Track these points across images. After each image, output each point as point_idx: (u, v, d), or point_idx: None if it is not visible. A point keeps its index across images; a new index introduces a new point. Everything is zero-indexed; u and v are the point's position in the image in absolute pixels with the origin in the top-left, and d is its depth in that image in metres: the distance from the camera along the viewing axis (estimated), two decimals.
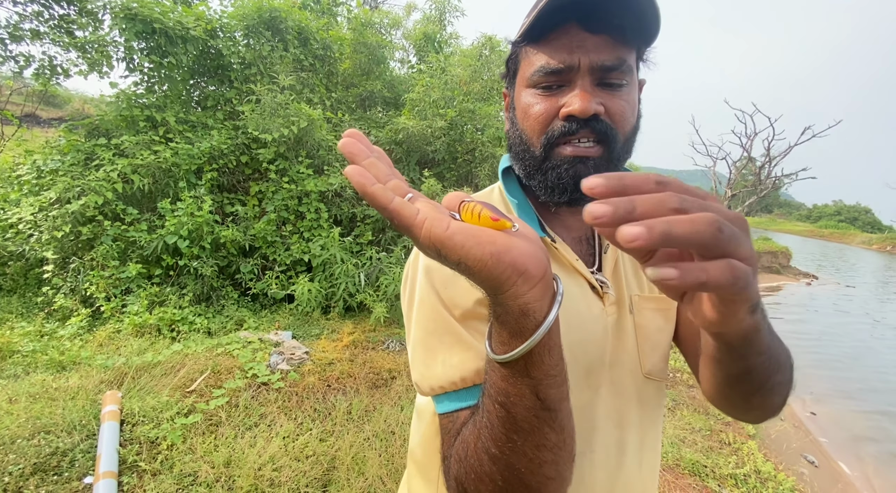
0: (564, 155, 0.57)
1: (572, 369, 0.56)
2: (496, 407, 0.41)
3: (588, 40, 0.54)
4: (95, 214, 4.31)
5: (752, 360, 0.46)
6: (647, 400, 0.65)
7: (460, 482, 0.46)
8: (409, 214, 0.32)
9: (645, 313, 0.65)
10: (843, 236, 46.86)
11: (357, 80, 7.18)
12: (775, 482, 2.61)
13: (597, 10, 0.53)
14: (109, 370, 2.83)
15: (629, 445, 0.63)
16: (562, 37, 0.55)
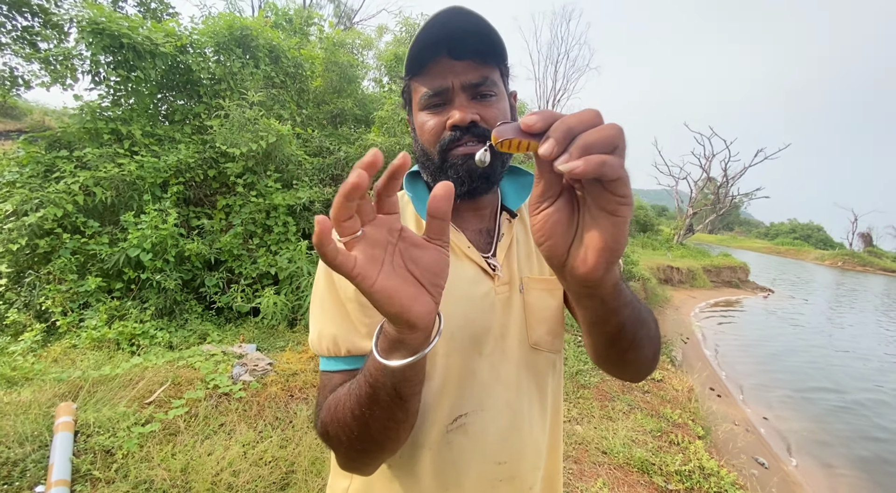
0: (457, 155, 0.71)
1: (458, 336, 0.70)
2: (366, 385, 0.55)
3: (456, 66, 0.69)
4: (54, 226, 4.23)
5: (622, 313, 0.55)
6: (535, 367, 0.77)
7: (325, 425, 0.62)
8: (348, 267, 0.41)
9: (533, 292, 0.77)
10: (799, 253, 49.35)
11: (328, 98, 7.31)
12: (717, 478, 2.77)
13: (458, 42, 0.68)
14: (64, 383, 2.78)
15: (521, 406, 0.74)
16: (436, 67, 0.70)
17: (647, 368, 0.70)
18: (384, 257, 0.44)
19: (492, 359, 0.73)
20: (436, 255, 0.47)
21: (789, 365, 9.03)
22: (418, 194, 0.80)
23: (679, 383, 4.39)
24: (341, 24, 22.06)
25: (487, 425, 0.72)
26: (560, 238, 0.45)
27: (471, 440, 0.71)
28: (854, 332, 13.44)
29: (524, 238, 0.81)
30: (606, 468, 2.69)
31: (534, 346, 0.76)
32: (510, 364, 0.74)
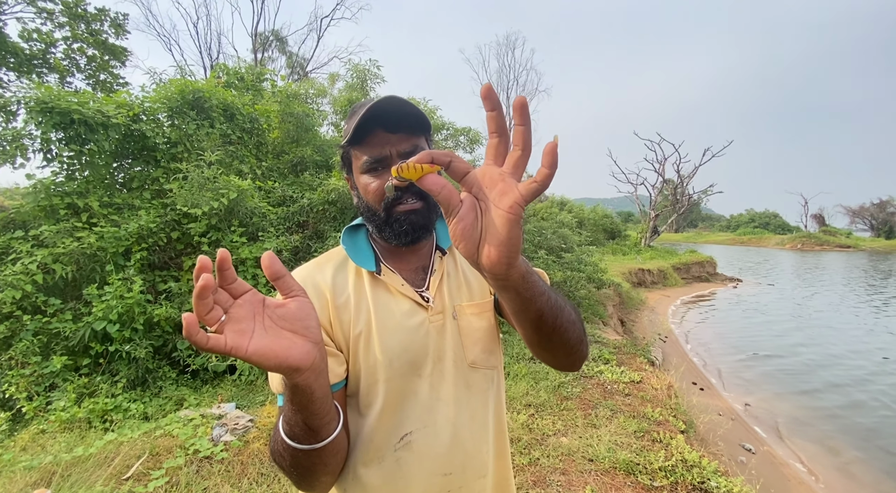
0: (400, 211, 0.83)
1: (397, 362, 0.82)
2: (284, 423, 0.68)
3: (392, 137, 0.83)
4: (13, 309, 4.12)
5: (538, 301, 0.64)
6: (474, 385, 0.87)
7: (272, 454, 0.74)
8: (220, 347, 0.50)
9: (465, 317, 0.88)
10: (760, 240, 51.51)
11: (287, 148, 7.45)
12: (700, 468, 2.87)
13: (392, 119, 0.82)
14: (35, 471, 2.68)
15: (462, 421, 0.84)
16: (375, 138, 0.83)
17: (577, 351, 0.79)
18: (253, 326, 0.54)
19: (431, 380, 0.83)
20: (297, 304, 0.57)
21: (765, 350, 9.36)
22: (358, 245, 0.91)
23: (658, 383, 4.52)
24: (295, 73, 22.55)
25: (431, 440, 0.81)
26: (469, 240, 0.54)
27: (417, 455, 0.81)
28: (822, 309, 14.04)
29: (454, 271, 0.92)
30: (594, 475, 2.76)
31: (471, 365, 0.87)
32: (448, 383, 0.84)
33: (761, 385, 7.32)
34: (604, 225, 25.29)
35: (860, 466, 4.91)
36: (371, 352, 0.81)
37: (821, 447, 5.34)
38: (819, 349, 9.38)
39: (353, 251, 0.89)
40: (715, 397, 6.73)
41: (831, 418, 6.11)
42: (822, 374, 7.86)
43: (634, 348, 6.01)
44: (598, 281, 8.59)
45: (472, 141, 8.81)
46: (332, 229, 5.58)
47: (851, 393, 6.97)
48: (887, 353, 9.03)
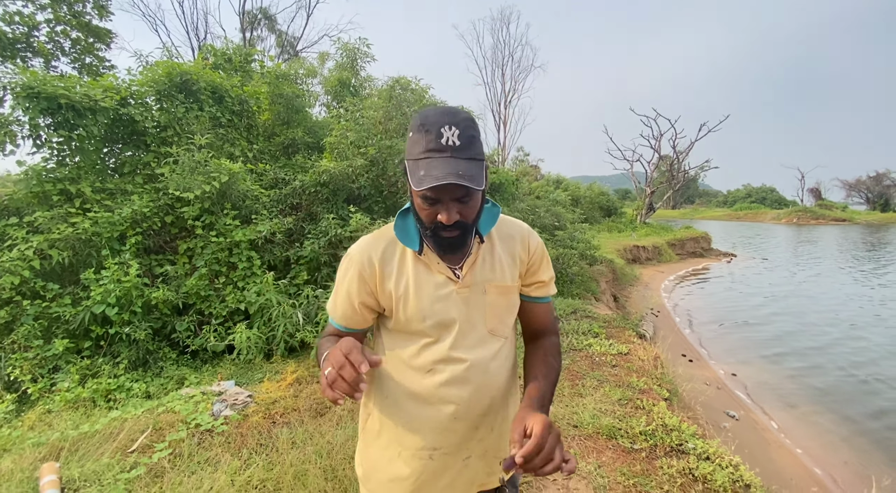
0: (443, 236, 0.96)
1: (428, 321, 1.04)
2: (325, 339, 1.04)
3: (450, 186, 0.89)
4: (13, 295, 4.20)
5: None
6: (489, 345, 1.07)
7: (317, 354, 1.04)
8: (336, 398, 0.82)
9: (491, 294, 1.07)
10: (756, 215, 51.63)
11: (278, 130, 7.43)
12: (679, 432, 3.01)
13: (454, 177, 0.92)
14: (43, 447, 2.80)
15: (476, 368, 1.05)
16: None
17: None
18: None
19: (455, 336, 1.04)
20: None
21: (755, 321, 9.56)
22: (407, 228, 1.06)
23: (645, 354, 4.66)
24: (286, 52, 22.13)
25: (449, 374, 1.04)
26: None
27: (435, 380, 1.04)
28: (813, 281, 14.25)
29: (489, 256, 1.09)
30: (577, 440, 2.90)
31: (490, 332, 1.08)
32: (469, 341, 1.05)
33: (749, 356, 7.52)
34: (600, 202, 25.32)
35: (833, 427, 5.11)
36: (409, 310, 1.03)
37: (802, 413, 5.53)
38: (804, 320, 9.59)
39: (402, 234, 1.05)
40: (703, 367, 6.92)
41: (815, 387, 6.31)
42: (807, 343, 8.06)
43: (624, 321, 6.15)
44: (591, 258, 8.69)
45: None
46: (325, 211, 5.63)
47: (832, 362, 7.18)
48: (861, 319, 9.25)
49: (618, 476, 2.53)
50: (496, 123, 27.60)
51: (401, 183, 6.09)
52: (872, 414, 5.41)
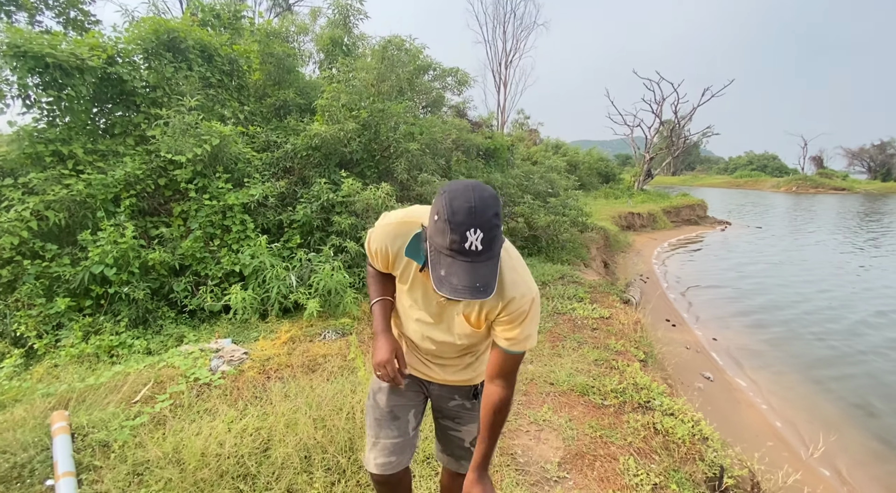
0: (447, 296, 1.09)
1: (411, 310, 1.36)
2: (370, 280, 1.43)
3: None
4: (13, 255, 4.31)
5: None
6: (458, 344, 1.34)
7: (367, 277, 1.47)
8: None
9: (463, 323, 1.28)
10: (756, 183, 51.39)
11: (269, 90, 7.32)
12: (648, 390, 3.22)
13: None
14: (52, 397, 2.99)
15: (451, 351, 1.39)
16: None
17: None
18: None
19: (433, 322, 1.34)
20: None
21: (742, 288, 9.80)
22: (419, 249, 1.18)
23: (626, 318, 4.85)
24: (278, 6, 21.26)
25: (424, 331, 1.37)
26: None
27: (416, 329, 1.39)
28: (803, 250, 14.46)
29: (475, 303, 1.22)
30: (552, 396, 3.11)
31: (458, 335, 1.32)
32: (439, 333, 1.35)
33: (731, 321, 7.78)
34: (598, 168, 25.13)
35: (800, 388, 5.39)
36: (404, 291, 1.33)
37: (773, 375, 5.81)
38: (789, 288, 9.84)
39: (413, 251, 1.20)
40: (686, 332, 7.18)
41: (789, 352, 6.58)
42: (789, 310, 8.32)
43: (609, 287, 6.33)
44: (582, 225, 8.80)
45: (460, 82, 8.62)
46: (317, 175, 5.67)
47: (809, 329, 7.45)
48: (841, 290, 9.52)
49: (586, 429, 2.75)
50: (496, 85, 26.93)
51: (393, 148, 6.10)
52: (837, 377, 5.69)
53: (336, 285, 4.48)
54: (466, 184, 1.00)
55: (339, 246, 5.08)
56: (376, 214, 5.34)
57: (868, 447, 4.31)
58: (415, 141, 6.33)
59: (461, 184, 1.00)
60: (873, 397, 5.19)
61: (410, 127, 6.56)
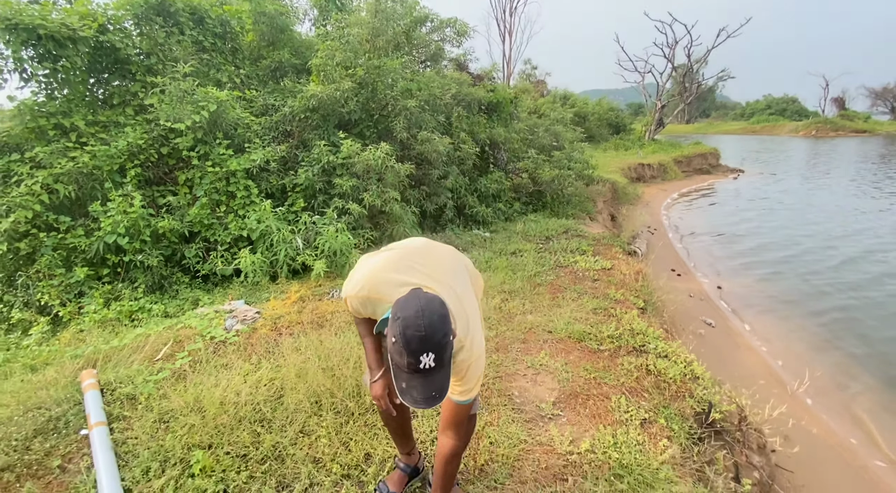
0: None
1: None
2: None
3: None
4: (29, 228, 4.47)
5: None
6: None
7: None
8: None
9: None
10: (773, 128, 49.57)
11: (264, 52, 7.17)
12: (644, 335, 3.33)
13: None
14: (80, 358, 3.20)
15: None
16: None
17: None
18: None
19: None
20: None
21: (750, 237, 9.74)
22: (381, 324, 1.34)
23: (627, 269, 4.91)
24: None
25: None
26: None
27: None
28: (816, 196, 14.16)
29: None
30: (549, 343, 3.23)
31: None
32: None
33: (736, 269, 7.80)
34: (608, 119, 24.44)
35: (803, 334, 5.49)
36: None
37: (775, 318, 5.90)
38: (797, 234, 9.74)
39: (382, 327, 1.33)
40: (690, 281, 7.25)
41: (790, 296, 6.63)
42: (795, 257, 8.29)
43: (613, 239, 6.36)
44: (588, 178, 8.70)
45: (458, 33, 8.32)
46: (317, 137, 5.66)
47: (815, 274, 7.45)
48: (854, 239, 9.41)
49: (581, 372, 2.88)
50: (500, 34, 25.75)
51: (391, 106, 6.02)
52: (837, 321, 5.76)
53: (341, 246, 4.59)
54: (417, 309, 1.09)
55: (342, 208, 5.15)
56: (377, 174, 5.37)
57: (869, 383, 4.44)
58: (413, 98, 6.23)
59: (412, 309, 1.10)
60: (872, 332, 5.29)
61: (408, 83, 6.43)
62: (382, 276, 1.33)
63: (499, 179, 7.28)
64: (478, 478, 2.01)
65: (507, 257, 5.24)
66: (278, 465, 2.05)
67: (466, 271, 1.54)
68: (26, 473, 2.05)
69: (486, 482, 1.98)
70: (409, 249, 1.46)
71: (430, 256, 1.43)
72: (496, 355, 3.04)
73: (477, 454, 2.13)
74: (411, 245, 1.49)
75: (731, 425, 2.75)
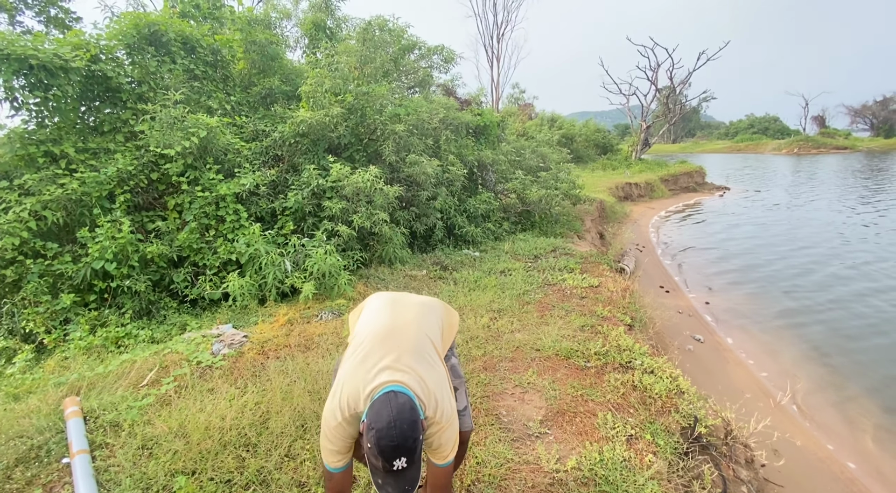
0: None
1: None
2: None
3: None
4: (15, 255, 4.45)
5: None
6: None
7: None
8: None
9: None
10: (757, 147, 50.79)
11: (255, 79, 7.32)
12: (630, 351, 3.36)
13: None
14: (64, 386, 3.16)
15: None
16: None
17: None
18: None
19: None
20: None
21: (736, 252, 9.89)
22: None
23: (615, 286, 4.97)
24: None
25: None
26: None
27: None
28: (798, 211, 14.46)
29: None
30: (537, 361, 3.25)
31: None
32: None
33: (723, 285, 7.89)
34: (595, 140, 24.96)
35: (786, 345, 5.54)
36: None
37: (762, 333, 5.95)
38: (782, 249, 9.91)
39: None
40: (679, 297, 7.32)
41: (778, 311, 6.71)
42: (781, 272, 8.42)
43: (600, 257, 6.44)
44: (575, 197, 8.85)
45: (446, 60, 8.56)
46: (307, 161, 5.74)
47: (799, 288, 7.56)
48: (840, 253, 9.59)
49: (568, 389, 2.90)
50: (489, 60, 26.46)
51: (380, 130, 6.14)
52: (832, 337, 5.83)
53: (330, 268, 4.61)
54: (389, 421, 1.19)
55: (331, 230, 5.19)
56: (367, 197, 5.44)
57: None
58: (401, 122, 6.37)
59: (385, 421, 1.20)
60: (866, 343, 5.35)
61: (397, 108, 6.58)
62: (352, 387, 1.36)
63: (487, 199, 7.38)
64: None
65: (496, 275, 5.28)
66: (263, 490, 2.03)
67: (429, 337, 1.53)
68: None
69: None
70: (375, 338, 1.46)
71: (392, 340, 1.44)
72: (484, 375, 3.05)
73: (464, 474, 2.12)
74: (374, 332, 1.49)
75: (718, 439, 2.76)
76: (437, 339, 1.56)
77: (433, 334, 1.55)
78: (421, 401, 1.32)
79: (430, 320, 1.60)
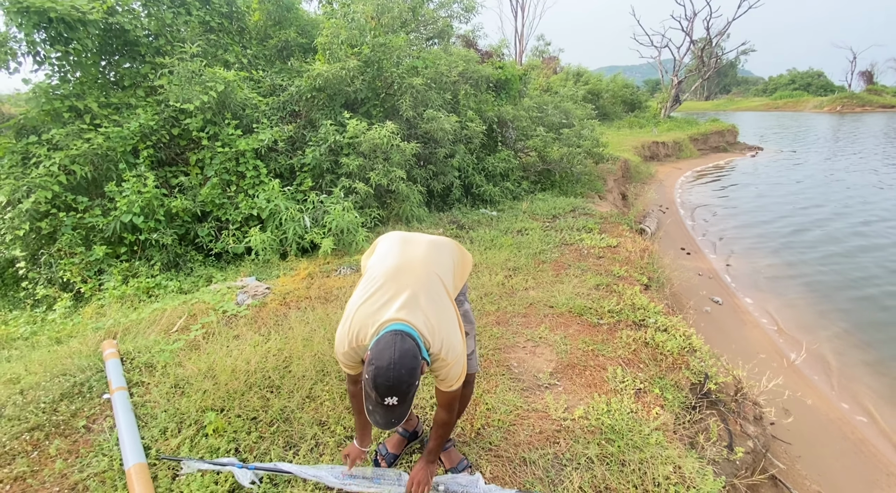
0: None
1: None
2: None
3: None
4: (49, 208, 4.64)
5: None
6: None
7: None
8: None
9: None
10: (797, 104, 47.91)
11: (271, 31, 7.17)
12: (644, 310, 3.37)
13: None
14: (101, 331, 3.37)
15: None
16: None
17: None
18: None
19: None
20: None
21: (763, 215, 9.58)
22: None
23: (633, 246, 4.91)
24: None
25: None
26: None
27: None
28: (835, 175, 13.77)
29: None
30: (550, 317, 3.30)
31: None
32: None
33: (746, 248, 7.72)
34: (623, 96, 23.90)
35: (803, 308, 5.46)
36: None
37: (780, 297, 5.86)
38: (812, 213, 9.55)
39: None
40: (700, 259, 7.20)
41: (798, 275, 6.56)
42: (807, 236, 8.15)
43: (620, 218, 6.33)
44: (598, 156, 8.60)
45: (466, 9, 8.18)
46: (324, 117, 5.69)
47: (824, 253, 7.33)
48: None
49: (579, 344, 2.95)
50: (513, 10, 25.14)
51: (397, 84, 6.00)
52: (848, 299, 5.70)
53: (348, 225, 4.67)
54: (389, 362, 1.23)
55: (349, 187, 5.21)
56: (384, 154, 5.40)
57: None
58: (419, 76, 6.20)
59: (385, 360, 1.23)
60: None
61: (414, 61, 6.40)
62: (361, 320, 1.40)
63: (507, 157, 7.24)
64: (474, 441, 2.10)
65: (512, 235, 5.27)
66: (286, 427, 2.17)
67: (438, 275, 1.52)
68: (54, 432, 2.20)
69: (481, 444, 2.08)
70: (385, 274, 1.47)
71: (401, 277, 1.45)
72: (496, 329, 3.12)
73: (474, 418, 2.22)
74: (385, 268, 1.50)
75: (727, 396, 2.80)
76: (447, 278, 1.56)
77: (443, 273, 1.55)
78: (425, 339, 1.36)
79: (441, 259, 1.60)
